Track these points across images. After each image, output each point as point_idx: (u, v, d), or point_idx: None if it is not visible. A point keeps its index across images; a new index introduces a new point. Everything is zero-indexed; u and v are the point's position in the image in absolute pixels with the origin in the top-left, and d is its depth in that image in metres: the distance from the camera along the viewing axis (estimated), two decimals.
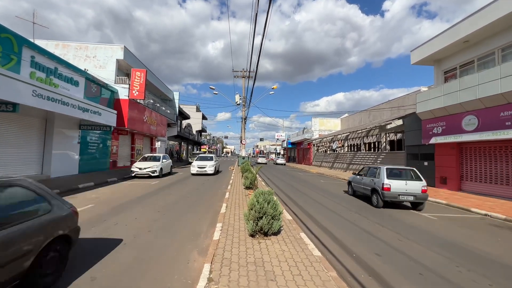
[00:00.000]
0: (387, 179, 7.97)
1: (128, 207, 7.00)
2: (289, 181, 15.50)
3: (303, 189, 12.00)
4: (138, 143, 22.17)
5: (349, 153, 24.70)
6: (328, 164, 29.86)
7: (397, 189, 7.84)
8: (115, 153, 18.14)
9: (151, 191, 9.91)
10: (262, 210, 4.27)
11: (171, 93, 30.58)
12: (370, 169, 9.24)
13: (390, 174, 8.21)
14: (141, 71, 18.04)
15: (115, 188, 10.48)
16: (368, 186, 8.75)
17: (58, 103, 10.30)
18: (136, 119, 19.13)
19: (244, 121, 25.41)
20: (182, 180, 13.91)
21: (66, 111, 10.65)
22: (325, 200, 9.20)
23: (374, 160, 19.69)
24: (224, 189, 10.83)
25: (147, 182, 12.80)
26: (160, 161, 15.50)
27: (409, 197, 7.82)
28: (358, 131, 20.82)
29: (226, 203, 7.43)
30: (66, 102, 10.66)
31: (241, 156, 26.01)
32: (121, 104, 17.61)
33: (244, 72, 25.65)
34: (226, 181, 13.65)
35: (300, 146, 43.51)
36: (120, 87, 17.76)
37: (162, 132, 25.80)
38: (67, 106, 10.70)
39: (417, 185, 7.89)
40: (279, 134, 51.67)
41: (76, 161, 13.88)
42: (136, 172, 14.27)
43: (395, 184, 7.88)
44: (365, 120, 28.71)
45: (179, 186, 11.51)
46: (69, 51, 17.65)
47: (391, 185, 7.86)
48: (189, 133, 42.02)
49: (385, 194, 7.85)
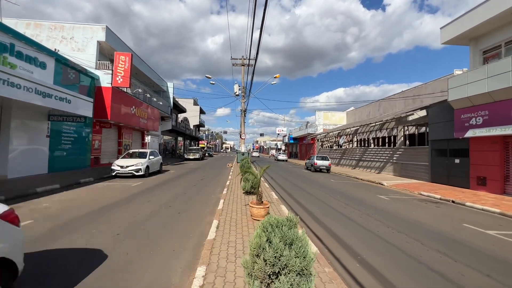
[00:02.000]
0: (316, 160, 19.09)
1: (76, 227, 4.88)
2: (296, 181, 13.41)
3: (317, 194, 9.92)
4: (126, 138, 19.99)
5: (358, 148, 22.57)
6: (334, 161, 27.75)
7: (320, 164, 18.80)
8: (98, 149, 15.98)
9: (126, 197, 7.79)
10: (280, 262, 2.16)
11: (164, 84, 28.30)
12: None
13: (317, 158, 19.34)
14: (125, 54, 15.76)
15: (82, 193, 8.36)
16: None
17: (9, 85, 8.09)
18: (122, 110, 16.93)
19: (244, 113, 23.19)
20: (170, 181, 11.79)
21: (17, 95, 8.42)
22: (354, 213, 7.13)
23: (389, 156, 17.58)
24: (218, 193, 8.72)
25: (128, 183, 10.69)
26: (146, 158, 13.37)
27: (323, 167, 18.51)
28: (371, 123, 18.66)
29: (218, 219, 5.31)
30: (17, 84, 8.43)
31: (241, 152, 23.88)
32: (103, 93, 15.39)
33: (244, 60, 23.35)
34: (221, 182, 11.55)
35: (303, 142, 41.37)
36: (102, 73, 15.51)
37: (154, 126, 23.62)
38: (19, 89, 8.48)
39: (326, 163, 19.33)
40: (280, 129, 49.43)
41: (45, 158, 11.73)
42: (117, 171, 12.14)
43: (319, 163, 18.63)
44: (374, 113, 26.52)
45: (164, 189, 9.39)
46: (42, 31, 15.35)
47: (318, 163, 18.70)
48: (186, 128, 39.81)
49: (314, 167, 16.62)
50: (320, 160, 19.55)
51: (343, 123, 34.55)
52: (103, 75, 15.49)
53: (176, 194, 8.51)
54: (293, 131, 47.70)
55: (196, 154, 29.97)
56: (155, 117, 23.75)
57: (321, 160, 19.61)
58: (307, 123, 36.30)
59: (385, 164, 18.06)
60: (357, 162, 22.34)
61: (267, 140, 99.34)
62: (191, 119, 46.37)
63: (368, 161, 20.64)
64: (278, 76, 21.59)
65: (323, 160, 19.64)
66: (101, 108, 15.26)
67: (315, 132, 34.26)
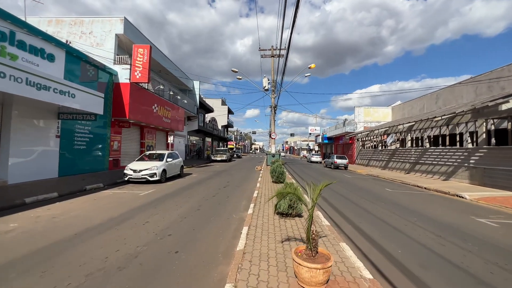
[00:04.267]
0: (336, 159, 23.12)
1: (22, 269, 2.89)
2: (343, 191, 10.53)
3: (371, 208, 7.05)
4: (149, 139, 18.88)
5: (414, 149, 18.56)
6: (379, 163, 23.79)
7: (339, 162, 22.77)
8: (117, 150, 14.86)
9: (122, 214, 5.87)
10: None
11: (190, 82, 27.12)
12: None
13: (337, 157, 23.40)
14: (144, 47, 14.39)
15: (76, 205, 6.69)
16: None
17: (6, 78, 6.73)
18: (142, 108, 15.67)
19: (274, 110, 20.67)
20: (187, 188, 9.81)
21: (16, 89, 7.03)
22: (467, 259, 4.23)
23: (463, 159, 13.60)
24: (241, 211, 6.39)
25: (138, 191, 8.94)
26: (163, 161, 11.67)
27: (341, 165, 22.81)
28: (436, 117, 14.73)
29: (236, 280, 2.91)
30: (18, 77, 7.05)
31: (271, 153, 21.40)
32: (121, 90, 14.19)
33: (274, 50, 20.87)
34: (248, 192, 9.22)
35: (339, 141, 37.42)
36: (120, 68, 14.34)
37: (179, 125, 22.37)
38: (19, 83, 7.09)
39: (344, 161, 23.14)
40: (313, 128, 45.78)
41: (55, 161, 10.62)
42: (129, 176, 10.57)
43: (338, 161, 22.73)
44: (431, 107, 22.06)
45: (175, 202, 7.35)
46: (63, 28, 14.69)
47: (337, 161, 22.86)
48: (214, 128, 38.65)
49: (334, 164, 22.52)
50: (339, 159, 23.36)
51: (387, 120, 30.09)
52: (122, 70, 14.31)
53: (186, 211, 6.37)
54: (327, 130, 43.81)
55: (223, 156, 28.32)
56: (180, 116, 22.51)
57: (340, 159, 23.43)
58: (345, 121, 32.43)
59: (455, 168, 14.11)
60: (412, 165, 18.37)
61: (297, 140, 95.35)
62: (219, 120, 45.30)
63: (427, 164, 16.67)
64: (314, 66, 18.67)
65: (342, 159, 23.47)
66: (119, 106, 14.08)
67: (354, 131, 30.33)
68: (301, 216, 5.36)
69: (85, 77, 12.20)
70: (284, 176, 10.74)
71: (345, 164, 23.26)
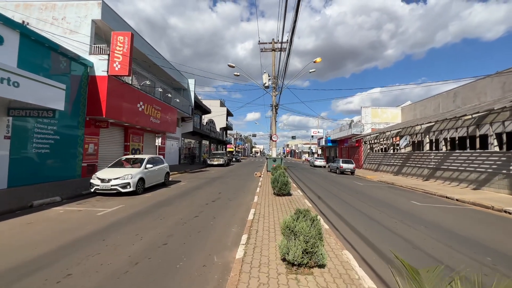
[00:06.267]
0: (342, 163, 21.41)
1: None
2: (360, 205, 8.41)
3: (408, 234, 4.95)
4: (135, 141, 16.82)
5: (434, 153, 16.42)
6: (391, 168, 21.64)
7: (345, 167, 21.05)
8: (93, 154, 12.79)
9: (46, 254, 3.76)
10: None
11: (184, 81, 25.15)
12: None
13: (343, 162, 21.56)
14: (124, 34, 12.44)
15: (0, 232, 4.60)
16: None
17: None
18: (124, 106, 13.64)
19: (275, 109, 18.61)
20: (163, 204, 7.68)
21: None
22: None
23: (500, 165, 11.48)
24: (228, 250, 4.29)
25: (99, 208, 6.85)
26: (141, 168, 9.60)
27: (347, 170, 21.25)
28: (465, 116, 12.60)
29: None
30: None
31: (271, 157, 19.29)
32: (98, 84, 12.18)
33: (275, 44, 18.91)
34: (242, 209, 7.10)
35: (344, 144, 35.29)
36: (96, 59, 12.36)
37: (170, 127, 20.33)
38: None
39: (351, 166, 21.29)
40: (316, 130, 43.66)
41: (3, 168, 8.54)
42: (96, 187, 8.49)
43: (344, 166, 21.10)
44: (447, 106, 20.01)
45: (138, 227, 5.23)
46: (32, 13, 12.73)
47: (343, 166, 21.21)
48: (211, 130, 36.60)
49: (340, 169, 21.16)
50: (345, 164, 21.72)
51: (397, 121, 28.01)
52: (98, 61, 12.33)
53: (144, 248, 4.24)
54: (330, 133, 41.72)
55: (220, 160, 26.21)
56: (172, 117, 20.48)
57: (346, 163, 21.78)
58: (351, 122, 30.31)
59: (489, 176, 11.99)
60: (432, 171, 16.22)
61: (299, 143, 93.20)
62: (217, 122, 43.29)
63: (452, 170, 14.53)
64: (320, 60, 16.66)
65: (348, 163, 21.83)
66: (95, 102, 12.07)
67: (361, 133, 28.23)
68: (322, 267, 3.25)
69: (54, 68, 10.26)
70: (289, 187, 8.61)
71: (352, 169, 21.72)
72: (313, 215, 3.28)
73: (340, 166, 21.52)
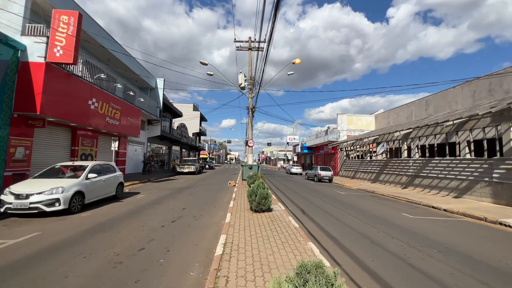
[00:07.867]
0: (320, 170, 20.70)
1: None
2: (348, 220, 7.17)
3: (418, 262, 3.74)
4: (87, 145, 14.15)
5: (412, 160, 16.16)
6: (368, 176, 21.31)
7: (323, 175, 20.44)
8: (23, 160, 10.09)
9: None
10: None
11: (152, 80, 22.78)
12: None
13: (321, 169, 20.81)
14: (69, 13, 10.19)
15: None
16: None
17: None
18: (69, 101, 11.20)
19: (252, 112, 17.17)
20: (101, 229, 5.65)
21: None
22: None
23: (482, 172, 11.18)
24: None
25: (5, 236, 4.66)
26: (81, 177, 7.43)
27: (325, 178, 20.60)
28: (447, 122, 12.25)
29: None
30: None
31: (247, 164, 17.71)
32: (32, 72, 9.72)
33: (252, 43, 17.65)
34: (205, 242, 5.38)
35: (319, 151, 35.02)
36: (31, 41, 9.91)
37: (133, 130, 17.84)
38: None
39: (329, 173, 20.58)
40: (291, 137, 43.18)
41: None
42: (7, 205, 6.17)
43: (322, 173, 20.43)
44: (420, 114, 20.34)
45: (46, 271, 3.28)
46: None
47: (321, 173, 20.50)
48: (182, 135, 34.05)
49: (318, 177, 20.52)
50: (323, 171, 20.87)
51: (370, 129, 28.31)
52: (34, 44, 9.87)
53: None
54: (306, 140, 41.47)
55: (191, 167, 23.94)
56: (135, 118, 18.02)
57: (324, 170, 20.96)
58: (327, 129, 30.05)
59: (471, 184, 11.68)
60: (411, 179, 15.92)
61: (274, 150, 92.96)
62: (190, 127, 40.78)
63: (431, 178, 14.24)
64: (299, 61, 15.71)
65: (326, 171, 21.02)
66: (26, 95, 9.54)
67: (337, 140, 27.99)
68: None
69: None
70: (269, 202, 7.06)
71: (330, 176, 21.05)
72: (330, 274, 1.76)
73: (318, 174, 20.69)
